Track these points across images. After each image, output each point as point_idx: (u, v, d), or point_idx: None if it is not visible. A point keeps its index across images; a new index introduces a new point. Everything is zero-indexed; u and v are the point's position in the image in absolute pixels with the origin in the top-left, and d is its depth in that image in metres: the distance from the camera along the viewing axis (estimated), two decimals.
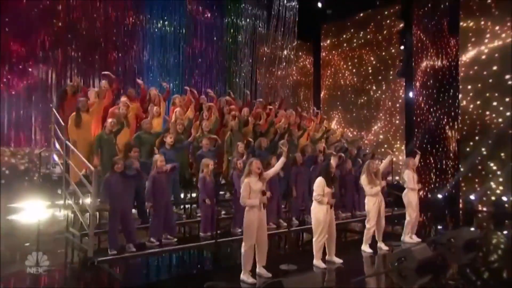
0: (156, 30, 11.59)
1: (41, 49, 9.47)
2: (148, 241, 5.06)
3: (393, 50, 13.37)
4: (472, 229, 7.51)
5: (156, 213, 5.06)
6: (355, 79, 14.32)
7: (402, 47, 12.82)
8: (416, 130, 12.17)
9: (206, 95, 8.67)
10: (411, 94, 12.45)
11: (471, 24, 11.08)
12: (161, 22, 11.69)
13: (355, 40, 14.41)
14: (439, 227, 9.26)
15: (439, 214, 10.53)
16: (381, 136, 13.47)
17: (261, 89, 14.33)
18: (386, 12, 13.58)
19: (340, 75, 14.76)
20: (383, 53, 13.60)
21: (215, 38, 12.91)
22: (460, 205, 10.65)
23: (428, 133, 11.91)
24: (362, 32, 14.21)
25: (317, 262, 5.34)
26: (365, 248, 6.21)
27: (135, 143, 5.83)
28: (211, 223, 5.77)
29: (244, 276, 4.62)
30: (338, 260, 5.55)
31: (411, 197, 6.89)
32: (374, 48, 13.83)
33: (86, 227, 4.91)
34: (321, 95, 15.21)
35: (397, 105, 13.16)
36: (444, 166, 11.59)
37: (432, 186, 11.82)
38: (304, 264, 5.33)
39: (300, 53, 15.93)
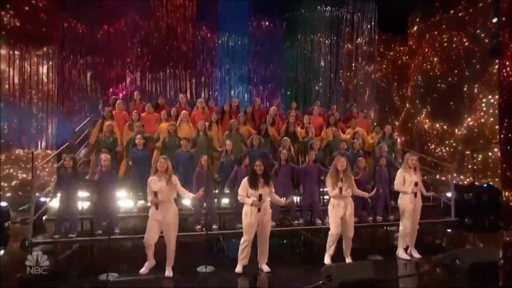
0: (225, 44, 12.02)
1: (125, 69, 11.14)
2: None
3: (490, 25, 10.17)
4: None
5: (97, 206, 5.37)
6: (445, 66, 11.54)
7: (495, 20, 9.64)
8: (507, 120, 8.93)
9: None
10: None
11: None
12: (230, 36, 12.06)
13: (444, 22, 11.58)
14: None
15: None
16: (475, 130, 10.39)
17: (342, 89, 13.09)
18: None
19: (428, 63, 12.14)
20: (477, 31, 10.52)
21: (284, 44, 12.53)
22: None
23: None
24: (452, 11, 11.32)
25: (237, 268, 4.72)
26: (326, 259, 5.06)
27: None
28: None
29: (142, 269, 4.51)
30: (267, 269, 4.73)
31: (404, 203, 5.28)
32: (467, 26, 10.84)
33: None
34: (409, 87, 12.75)
35: (496, 91, 9.90)
36: None
37: None
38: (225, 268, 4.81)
39: (392, 45, 13.83)
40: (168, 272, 4.60)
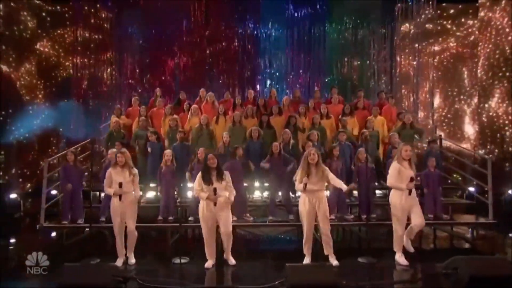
0: (268, 35, 11.74)
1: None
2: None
3: None
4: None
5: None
6: None
7: None
8: None
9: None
10: None
11: None
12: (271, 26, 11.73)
13: None
14: None
15: None
16: None
17: (400, 76, 11.75)
18: None
19: (503, 36, 10.05)
20: None
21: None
22: None
23: None
24: None
25: (207, 263, 4.67)
26: (306, 260, 4.65)
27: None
28: (172, 209, 5.99)
29: (118, 262, 4.75)
30: (232, 262, 4.60)
31: (395, 201, 4.56)
32: None
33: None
34: (479, 65, 10.78)
35: None
36: None
37: None
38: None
39: (462, 20, 11.89)
40: (132, 259, 4.85)
